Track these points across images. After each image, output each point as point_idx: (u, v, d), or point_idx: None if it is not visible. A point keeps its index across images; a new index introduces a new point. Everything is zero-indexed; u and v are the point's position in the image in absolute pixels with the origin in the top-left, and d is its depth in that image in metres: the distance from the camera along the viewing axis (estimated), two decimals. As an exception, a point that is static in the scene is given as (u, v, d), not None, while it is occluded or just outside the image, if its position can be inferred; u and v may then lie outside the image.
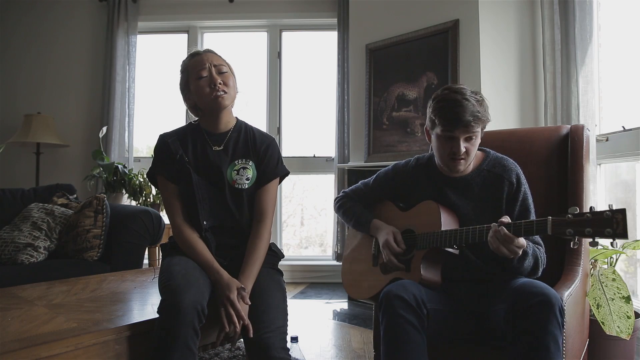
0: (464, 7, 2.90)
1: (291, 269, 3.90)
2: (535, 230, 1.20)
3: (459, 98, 1.35)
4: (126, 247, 2.46)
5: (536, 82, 2.98)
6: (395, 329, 1.26)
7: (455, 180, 1.48)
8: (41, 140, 3.72)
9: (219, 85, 1.54)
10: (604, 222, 1.08)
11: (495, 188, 1.44)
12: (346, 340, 2.47)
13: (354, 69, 3.58)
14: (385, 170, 1.67)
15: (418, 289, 1.33)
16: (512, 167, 1.46)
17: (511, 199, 1.43)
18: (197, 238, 1.52)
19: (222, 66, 1.58)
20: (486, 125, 1.41)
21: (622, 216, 1.05)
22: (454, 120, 1.34)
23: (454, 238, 1.35)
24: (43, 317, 1.38)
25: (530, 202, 1.44)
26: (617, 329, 1.68)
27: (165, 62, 4.34)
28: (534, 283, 1.26)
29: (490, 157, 1.50)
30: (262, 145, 1.63)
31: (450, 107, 1.35)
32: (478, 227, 1.30)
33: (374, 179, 1.69)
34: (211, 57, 1.59)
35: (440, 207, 1.44)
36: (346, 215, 1.71)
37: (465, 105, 1.34)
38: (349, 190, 1.75)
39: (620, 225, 1.05)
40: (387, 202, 1.65)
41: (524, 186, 1.44)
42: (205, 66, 1.56)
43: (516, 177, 1.44)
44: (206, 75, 1.55)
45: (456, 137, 1.36)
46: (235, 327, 1.35)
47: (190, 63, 1.60)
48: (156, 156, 1.61)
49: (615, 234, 1.06)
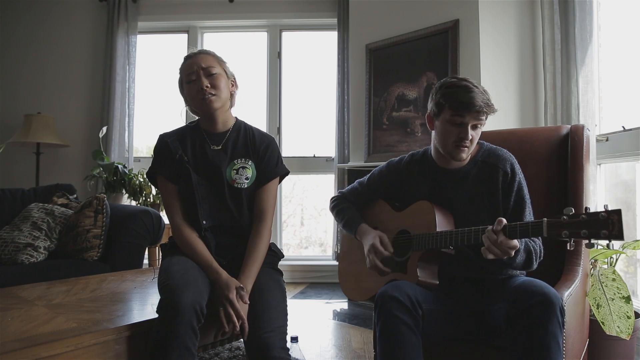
0: (464, 7, 2.90)
1: (291, 269, 3.90)
2: (531, 232, 1.19)
3: (470, 85, 1.36)
4: (126, 247, 2.46)
5: (536, 82, 2.98)
6: (390, 330, 1.26)
7: (450, 172, 1.48)
8: (41, 140, 3.72)
9: (206, 89, 1.53)
10: (600, 223, 1.06)
11: (490, 178, 1.43)
12: (346, 340, 2.47)
13: (354, 69, 3.58)
14: (380, 168, 1.66)
15: (413, 289, 1.33)
16: (507, 157, 1.46)
17: (507, 188, 1.42)
18: (196, 238, 1.52)
19: (212, 68, 1.57)
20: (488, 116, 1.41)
21: (618, 217, 1.03)
22: (466, 104, 1.34)
23: (449, 239, 1.35)
24: (43, 317, 1.38)
25: (525, 191, 1.43)
26: (617, 329, 1.67)
27: (165, 62, 4.35)
28: (534, 282, 1.26)
29: (485, 148, 1.50)
30: (261, 144, 1.63)
31: (462, 92, 1.35)
32: (474, 229, 1.30)
33: (369, 177, 1.68)
34: (201, 59, 1.58)
35: (435, 207, 1.43)
36: (338, 216, 1.71)
37: (476, 92, 1.35)
38: (346, 191, 1.75)
39: (616, 226, 1.03)
40: (382, 202, 1.64)
41: (518, 176, 1.43)
42: (193, 69, 1.56)
43: (510, 167, 1.43)
44: (195, 78, 1.55)
45: (465, 122, 1.36)
46: (234, 326, 1.35)
47: (183, 66, 1.61)
48: (156, 156, 1.62)
49: (611, 235, 1.04)
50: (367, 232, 1.56)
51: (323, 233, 4.46)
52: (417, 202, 1.49)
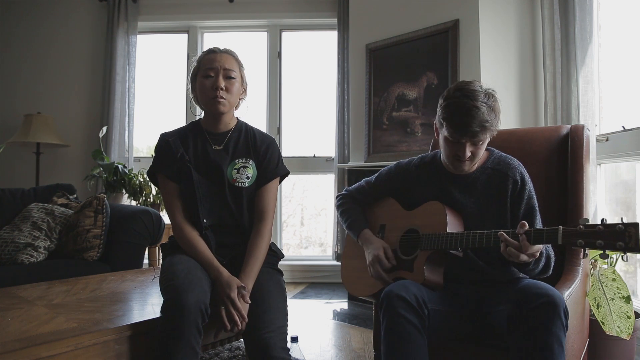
0: (464, 7, 2.90)
1: (291, 269, 3.90)
2: (545, 239, 1.18)
3: (470, 105, 1.32)
4: (126, 247, 2.46)
5: (536, 82, 2.98)
6: (396, 329, 1.25)
7: (459, 177, 1.48)
8: (41, 140, 3.72)
9: (220, 91, 1.54)
10: (616, 235, 1.06)
11: (499, 186, 1.43)
12: (346, 340, 2.47)
13: (354, 69, 3.58)
14: (388, 168, 1.66)
15: (419, 289, 1.32)
16: (517, 166, 1.46)
17: (516, 197, 1.42)
18: (197, 236, 1.52)
19: (232, 71, 1.58)
20: (495, 132, 1.39)
21: (635, 230, 1.03)
22: (461, 129, 1.33)
23: (460, 241, 1.34)
24: (43, 317, 1.38)
25: (535, 201, 1.44)
26: (617, 329, 1.68)
27: (165, 62, 4.35)
28: (538, 284, 1.25)
29: (495, 155, 1.50)
30: (262, 145, 1.64)
31: (459, 115, 1.33)
32: (485, 232, 1.29)
33: (377, 177, 1.68)
34: (225, 59, 1.58)
35: (446, 208, 1.43)
36: (343, 216, 1.71)
37: (474, 115, 1.31)
38: (353, 189, 1.74)
39: (632, 239, 1.03)
40: (391, 200, 1.63)
41: (528, 185, 1.43)
42: (214, 66, 1.56)
43: (520, 176, 1.43)
44: (213, 75, 1.55)
45: (462, 142, 1.36)
46: (236, 325, 1.36)
47: (204, 58, 1.60)
48: (157, 155, 1.62)
49: (627, 248, 1.04)
50: (371, 240, 1.57)
51: (323, 233, 4.46)
52: (429, 202, 1.49)
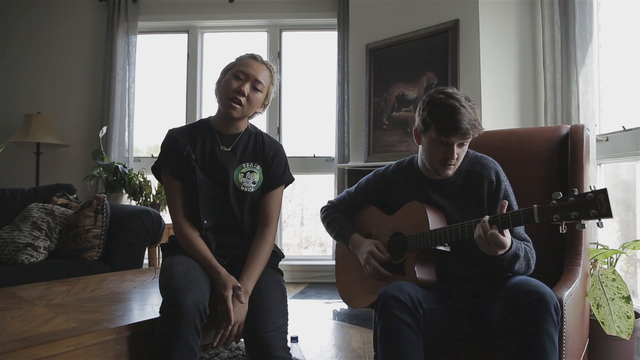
0: (464, 7, 2.90)
1: (291, 269, 3.90)
2: (523, 219, 1.20)
3: (457, 105, 1.35)
4: (126, 247, 2.46)
5: (536, 82, 2.98)
6: (391, 330, 1.26)
7: (437, 182, 1.49)
8: (41, 140, 3.71)
9: (241, 97, 1.53)
10: (588, 203, 1.09)
11: (475, 187, 1.45)
12: (346, 340, 2.47)
13: (354, 69, 3.58)
14: (367, 177, 1.68)
15: (414, 289, 1.33)
16: (491, 165, 1.47)
17: (492, 196, 1.43)
18: (197, 236, 1.52)
19: (261, 85, 1.56)
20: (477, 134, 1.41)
21: (605, 196, 1.07)
22: (452, 127, 1.34)
23: (444, 236, 1.36)
24: (43, 317, 1.38)
25: (512, 198, 1.45)
26: (617, 329, 1.67)
27: (165, 62, 4.35)
28: (529, 281, 1.26)
29: (470, 156, 1.51)
30: (270, 150, 1.64)
31: (448, 114, 1.34)
32: (467, 222, 1.31)
33: (356, 187, 1.71)
34: (261, 70, 1.57)
35: (426, 206, 1.45)
36: (329, 227, 1.73)
37: (463, 113, 1.34)
38: (335, 200, 1.77)
39: (604, 205, 1.07)
40: (372, 207, 1.65)
41: (504, 183, 1.45)
42: (248, 72, 1.55)
43: (495, 175, 1.45)
44: (242, 79, 1.55)
45: (451, 142, 1.37)
46: (227, 324, 1.35)
47: (243, 59, 1.59)
48: (163, 151, 1.61)
49: (600, 214, 1.08)
50: (361, 241, 1.58)
51: (323, 233, 4.44)
52: (408, 203, 1.50)
